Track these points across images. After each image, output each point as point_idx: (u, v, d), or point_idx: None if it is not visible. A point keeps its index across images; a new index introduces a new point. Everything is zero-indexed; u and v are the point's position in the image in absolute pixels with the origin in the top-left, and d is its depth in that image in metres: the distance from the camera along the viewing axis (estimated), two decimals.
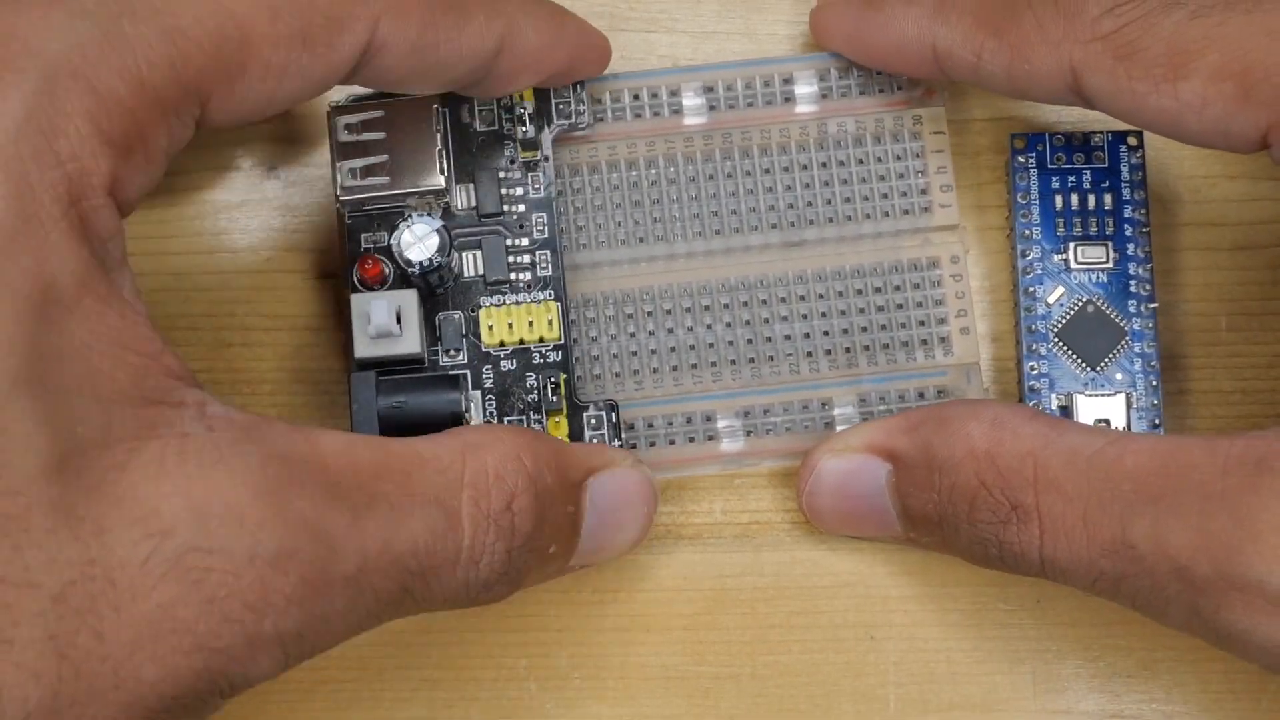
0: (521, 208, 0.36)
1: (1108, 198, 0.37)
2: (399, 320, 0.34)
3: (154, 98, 0.28)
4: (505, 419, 0.35)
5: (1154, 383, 0.36)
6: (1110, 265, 0.36)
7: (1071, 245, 0.36)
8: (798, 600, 0.37)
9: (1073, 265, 0.36)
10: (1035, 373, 0.36)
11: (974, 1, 0.34)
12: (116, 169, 0.28)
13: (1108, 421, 0.36)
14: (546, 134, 0.36)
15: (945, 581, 0.37)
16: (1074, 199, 0.37)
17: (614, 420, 0.35)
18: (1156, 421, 0.36)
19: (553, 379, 0.35)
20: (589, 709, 0.36)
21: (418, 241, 0.35)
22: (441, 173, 0.35)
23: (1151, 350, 0.36)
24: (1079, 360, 0.36)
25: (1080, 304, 0.36)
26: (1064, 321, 0.36)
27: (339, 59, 0.31)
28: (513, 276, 0.36)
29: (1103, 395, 0.36)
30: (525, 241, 0.36)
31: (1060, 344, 0.36)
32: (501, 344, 0.35)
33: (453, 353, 0.35)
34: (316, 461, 0.29)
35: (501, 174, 0.36)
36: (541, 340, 0.35)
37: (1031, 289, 0.36)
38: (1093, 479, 0.31)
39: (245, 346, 0.38)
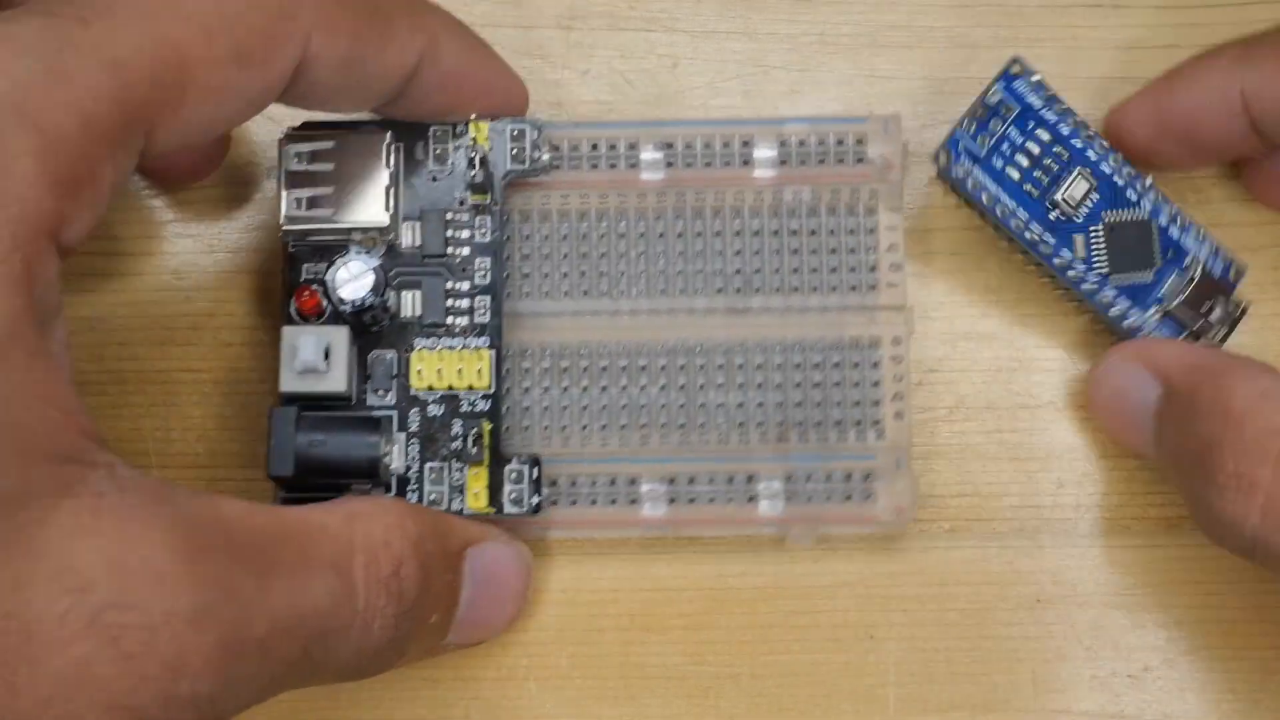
0: (466, 250, 0.35)
1: (1043, 133, 0.36)
2: (327, 357, 0.34)
3: (100, 132, 0.28)
4: (427, 464, 0.35)
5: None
6: (1093, 179, 0.35)
7: (1050, 197, 0.36)
8: (798, 600, 0.37)
9: (1066, 211, 0.36)
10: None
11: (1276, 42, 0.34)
12: (63, 209, 0.28)
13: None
14: (498, 178, 0.35)
15: (945, 581, 0.37)
16: (1020, 159, 0.36)
17: (535, 476, 0.34)
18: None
19: (475, 429, 0.35)
20: (589, 709, 0.37)
21: (352, 279, 0.34)
22: (387, 209, 0.35)
23: (1180, 217, 0.36)
24: (1141, 272, 0.36)
25: (1101, 232, 0.36)
26: (1105, 254, 0.36)
27: (274, 75, 0.31)
28: (449, 320, 0.35)
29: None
30: (466, 285, 0.35)
31: (1113, 271, 0.36)
32: (430, 388, 0.35)
33: (381, 392, 0.35)
34: (222, 525, 0.29)
35: (449, 215, 0.35)
36: (471, 388, 0.35)
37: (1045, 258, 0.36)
38: None
39: (246, 346, 0.38)
